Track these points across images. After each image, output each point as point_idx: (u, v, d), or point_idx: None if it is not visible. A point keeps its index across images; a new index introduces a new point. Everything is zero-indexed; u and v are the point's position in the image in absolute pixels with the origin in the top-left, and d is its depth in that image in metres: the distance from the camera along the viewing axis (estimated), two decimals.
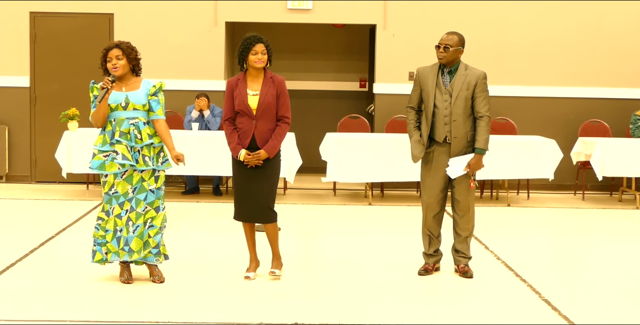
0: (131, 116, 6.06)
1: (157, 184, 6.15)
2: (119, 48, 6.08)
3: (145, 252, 6.15)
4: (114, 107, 6.05)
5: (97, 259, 6.17)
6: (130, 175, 6.09)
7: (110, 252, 6.14)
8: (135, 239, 6.11)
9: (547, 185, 10.97)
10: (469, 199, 6.53)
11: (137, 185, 6.10)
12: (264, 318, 5.44)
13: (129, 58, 6.10)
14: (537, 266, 7.07)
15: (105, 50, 6.11)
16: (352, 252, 7.51)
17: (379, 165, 9.81)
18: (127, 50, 6.10)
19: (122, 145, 6.03)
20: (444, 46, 6.37)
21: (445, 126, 6.41)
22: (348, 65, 12.74)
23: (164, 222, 6.22)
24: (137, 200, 6.11)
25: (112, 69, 6.06)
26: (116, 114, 6.06)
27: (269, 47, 6.22)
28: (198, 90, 10.84)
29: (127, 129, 6.04)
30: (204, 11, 11.06)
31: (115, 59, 6.06)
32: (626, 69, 11.21)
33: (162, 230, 6.22)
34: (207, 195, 10.45)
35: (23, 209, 9.48)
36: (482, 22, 11.10)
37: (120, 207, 6.10)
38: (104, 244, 6.14)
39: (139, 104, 6.07)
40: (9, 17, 11.02)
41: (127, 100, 6.05)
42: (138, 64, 6.18)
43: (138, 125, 6.06)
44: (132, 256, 6.13)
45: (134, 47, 6.17)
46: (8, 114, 11.11)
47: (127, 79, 6.15)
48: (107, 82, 5.99)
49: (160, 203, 6.18)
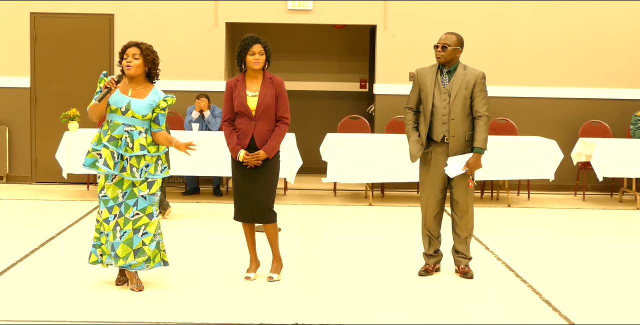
0: (128, 123, 5.81)
1: (149, 190, 5.91)
2: (138, 47, 5.87)
3: (138, 260, 5.90)
4: (113, 109, 5.81)
5: (92, 260, 6.05)
6: (121, 179, 5.88)
7: (105, 255, 5.99)
8: (121, 245, 5.88)
9: (547, 185, 10.97)
10: (467, 199, 6.53)
11: (127, 190, 5.87)
12: (264, 318, 5.44)
13: (145, 59, 5.87)
14: (537, 267, 7.07)
15: (124, 47, 5.89)
16: (352, 252, 7.51)
17: (379, 166, 9.81)
18: (146, 51, 5.88)
19: (107, 151, 5.78)
20: (442, 45, 6.39)
21: (444, 125, 6.42)
22: (348, 66, 12.74)
23: (158, 229, 6.00)
24: (127, 205, 5.87)
25: (125, 67, 5.83)
26: (114, 117, 5.82)
27: (267, 47, 6.21)
28: (198, 90, 10.84)
29: (120, 135, 5.80)
30: (204, 12, 11.06)
31: (132, 57, 5.84)
32: (626, 69, 11.21)
33: (157, 237, 5.99)
34: (207, 195, 10.45)
35: (23, 209, 9.48)
36: (483, 23, 11.10)
37: (108, 211, 5.87)
38: (99, 245, 6.00)
39: (139, 113, 5.81)
40: (9, 18, 11.02)
41: (128, 106, 5.81)
42: (155, 68, 5.95)
43: (133, 133, 5.81)
44: (118, 262, 5.90)
45: (154, 50, 5.95)
46: (8, 115, 11.11)
47: (138, 82, 5.91)
48: (111, 81, 5.73)
49: (153, 209, 5.93)
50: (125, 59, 5.87)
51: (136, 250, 5.91)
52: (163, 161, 5.98)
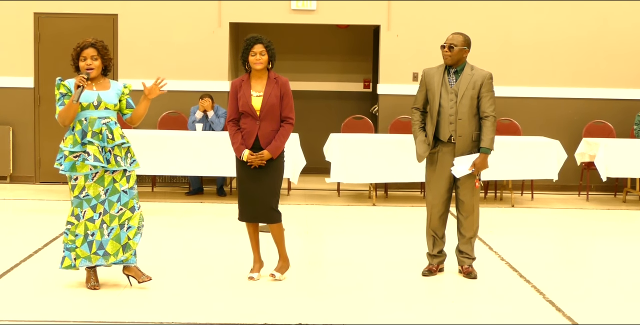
0: (103, 115, 5.93)
1: (129, 183, 5.99)
2: (95, 47, 5.96)
3: (126, 255, 5.97)
4: (85, 106, 5.90)
5: (66, 264, 5.99)
6: (101, 176, 5.93)
7: (80, 258, 5.95)
8: (110, 242, 5.94)
9: (551, 186, 10.97)
10: (473, 199, 6.53)
11: (109, 186, 5.94)
12: (268, 318, 5.44)
13: (103, 58, 6.00)
14: (541, 267, 7.06)
15: (79, 48, 5.98)
16: (356, 252, 7.51)
17: (382, 166, 9.81)
18: (103, 50, 6.00)
19: (93, 146, 5.87)
20: (449, 46, 6.38)
21: (450, 125, 6.42)
22: (352, 66, 12.74)
23: (142, 222, 6.05)
24: (110, 202, 5.94)
25: (87, 69, 5.92)
26: (87, 113, 5.92)
27: (270, 47, 6.20)
28: (202, 91, 10.85)
29: (99, 129, 5.90)
30: (208, 12, 11.06)
31: (91, 58, 5.94)
32: (630, 69, 11.20)
33: (141, 230, 6.04)
34: (211, 195, 10.45)
35: (27, 209, 9.48)
36: (487, 23, 11.10)
37: (92, 210, 5.92)
38: (73, 249, 5.96)
39: (111, 103, 5.96)
40: (13, 18, 11.03)
41: (99, 99, 5.92)
42: (110, 64, 6.09)
43: (110, 125, 5.94)
44: (109, 260, 5.95)
45: (106, 46, 6.09)
46: (12, 115, 11.12)
47: (98, 78, 6.03)
48: (82, 80, 5.81)
49: (135, 203, 6.00)
50: (83, 61, 5.98)
51: (124, 245, 5.99)
52: (132, 154, 6.07)
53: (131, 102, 6.10)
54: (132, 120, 6.09)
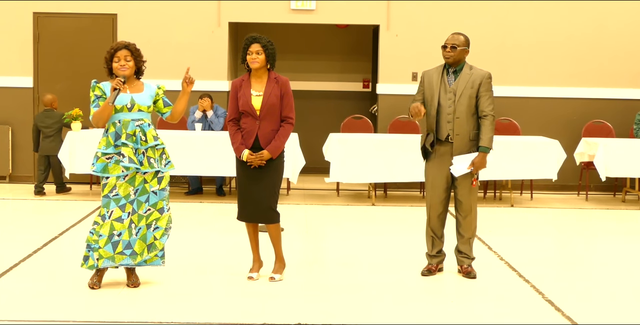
0: (136, 118, 6.00)
1: (160, 185, 6.07)
2: (128, 49, 6.05)
3: (151, 255, 6.06)
4: (118, 108, 5.97)
5: (89, 264, 6.02)
6: (133, 176, 6.00)
7: (103, 258, 5.98)
8: (138, 242, 6.03)
9: (550, 185, 10.97)
10: (471, 199, 6.54)
11: (139, 186, 6.02)
12: (267, 318, 5.44)
13: (136, 60, 6.07)
14: (540, 266, 7.07)
15: (113, 49, 6.05)
16: (355, 252, 7.51)
17: (382, 166, 9.81)
18: (136, 52, 6.08)
19: (128, 148, 5.95)
20: (451, 46, 6.40)
21: (448, 124, 6.43)
22: (351, 66, 12.74)
23: (169, 223, 6.13)
24: (139, 202, 6.02)
25: (121, 69, 6.01)
26: (121, 116, 5.99)
27: (268, 46, 6.18)
28: (201, 90, 10.84)
29: (133, 131, 5.97)
30: (207, 12, 11.06)
31: (124, 59, 6.02)
32: (629, 69, 11.20)
33: (168, 231, 6.14)
34: (210, 195, 10.45)
35: (26, 209, 9.49)
36: (486, 23, 11.10)
37: (121, 209, 5.98)
38: (96, 249, 5.99)
39: (145, 105, 6.03)
40: (12, 18, 11.03)
41: (132, 102, 6.00)
42: (143, 66, 6.15)
43: (143, 127, 6.00)
44: (136, 259, 6.03)
45: (139, 49, 6.15)
46: (11, 115, 11.12)
47: (131, 81, 6.09)
48: (119, 83, 5.90)
49: (164, 204, 6.09)
50: (117, 62, 6.04)
51: (149, 245, 6.07)
52: (167, 155, 6.13)
53: (167, 101, 6.19)
54: (173, 117, 6.20)
